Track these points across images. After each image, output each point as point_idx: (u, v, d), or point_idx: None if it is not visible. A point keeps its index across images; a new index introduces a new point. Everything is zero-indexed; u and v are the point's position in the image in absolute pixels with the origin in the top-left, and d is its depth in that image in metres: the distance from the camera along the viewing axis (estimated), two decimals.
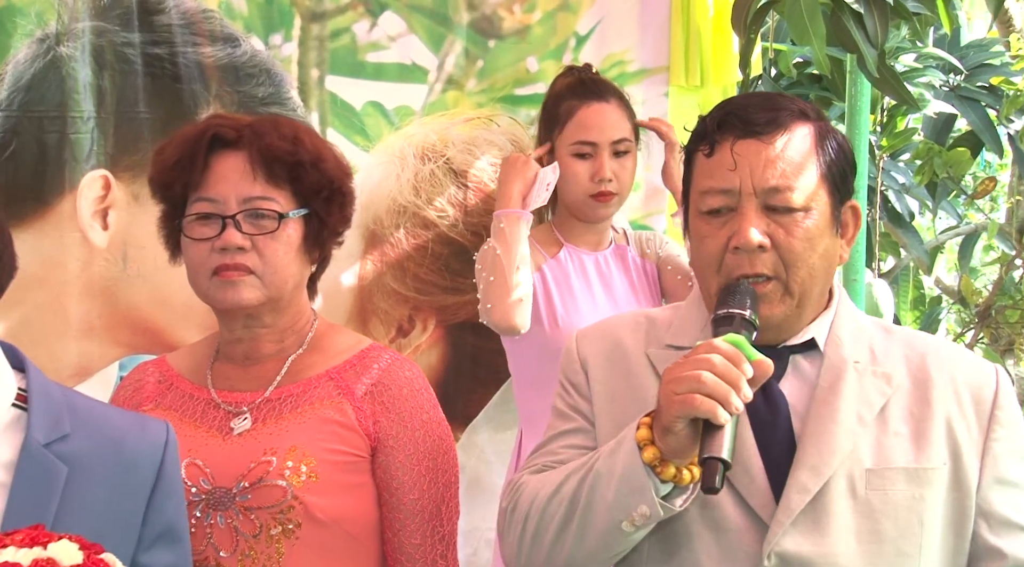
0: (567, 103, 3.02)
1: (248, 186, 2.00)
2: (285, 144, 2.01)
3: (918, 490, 1.71)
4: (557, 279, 3.01)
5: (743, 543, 1.69)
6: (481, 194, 3.43)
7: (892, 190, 4.28)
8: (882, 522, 1.70)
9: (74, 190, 3.06)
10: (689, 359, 1.60)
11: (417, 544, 2.05)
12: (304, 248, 2.05)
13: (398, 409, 2.05)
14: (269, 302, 2.03)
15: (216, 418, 2.05)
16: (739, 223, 1.70)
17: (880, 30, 2.95)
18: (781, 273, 1.70)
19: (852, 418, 1.72)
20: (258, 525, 1.97)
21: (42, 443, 1.61)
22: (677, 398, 1.57)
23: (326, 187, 2.05)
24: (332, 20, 3.33)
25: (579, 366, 1.84)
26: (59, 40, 3.04)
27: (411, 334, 3.41)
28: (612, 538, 1.66)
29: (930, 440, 1.73)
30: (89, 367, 3.04)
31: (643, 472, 1.61)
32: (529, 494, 1.75)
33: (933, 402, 1.74)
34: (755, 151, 1.70)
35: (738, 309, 1.65)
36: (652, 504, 1.61)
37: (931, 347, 1.81)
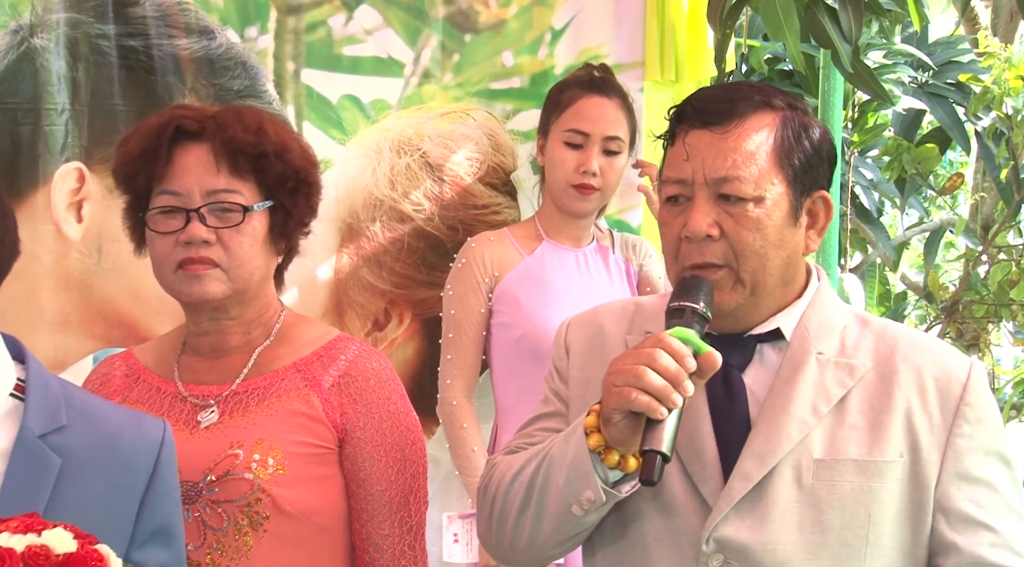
0: (570, 91, 2.98)
1: (212, 179, 1.96)
2: (248, 135, 1.98)
3: (868, 482, 1.68)
4: (533, 274, 2.99)
5: (688, 527, 1.69)
6: (457, 188, 3.41)
7: (860, 186, 4.28)
8: (827, 513, 1.67)
9: (48, 183, 3.01)
10: (632, 352, 1.61)
11: (385, 535, 2.03)
12: (270, 240, 2.01)
13: (365, 400, 2.02)
14: (235, 295, 2.00)
15: (183, 411, 2.02)
16: (690, 213, 1.70)
17: (855, 26, 2.94)
18: (732, 262, 1.69)
19: (806, 408, 1.70)
20: (226, 518, 1.95)
21: (37, 434, 1.59)
22: (615, 390, 1.58)
23: (291, 178, 2.01)
24: (308, 13, 3.29)
25: (563, 351, 1.85)
26: (33, 31, 2.99)
27: (387, 327, 3.38)
28: (565, 521, 1.68)
29: (887, 433, 1.70)
30: (64, 360, 2.99)
31: (587, 459, 1.62)
32: (498, 475, 1.77)
33: (895, 395, 1.71)
34: (707, 142, 1.70)
35: (690, 302, 1.64)
36: (596, 490, 1.63)
37: (902, 339, 1.77)
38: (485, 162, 3.44)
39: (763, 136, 1.71)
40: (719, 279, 1.70)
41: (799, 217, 1.73)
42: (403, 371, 3.33)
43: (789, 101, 1.76)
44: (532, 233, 3.05)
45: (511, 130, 3.46)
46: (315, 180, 2.08)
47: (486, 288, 2.98)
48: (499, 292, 2.98)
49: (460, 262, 3.01)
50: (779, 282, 1.73)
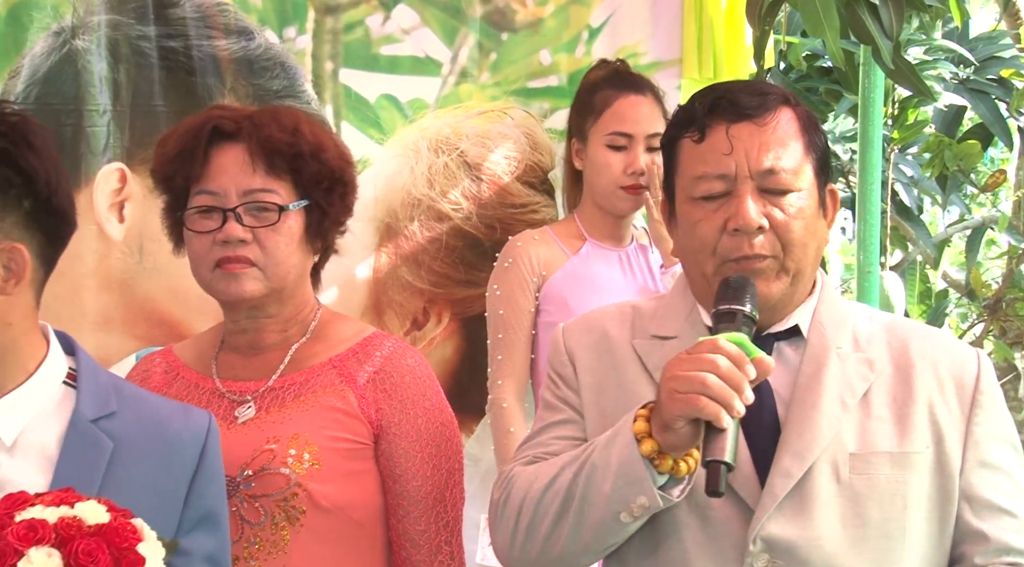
0: (603, 93, 2.95)
1: (248, 178, 1.97)
2: (284, 135, 1.99)
3: (902, 474, 1.69)
4: (580, 274, 2.96)
5: (729, 529, 1.67)
6: (495, 187, 3.39)
7: (900, 183, 4.24)
8: (866, 506, 1.67)
9: (90, 183, 3.03)
10: (692, 357, 1.58)
11: (421, 530, 2.03)
12: (306, 239, 2.02)
13: (400, 396, 2.02)
14: (272, 293, 2.01)
15: (220, 407, 2.02)
16: (736, 206, 1.67)
17: (896, 22, 2.91)
18: (779, 253, 1.69)
19: (835, 404, 1.70)
20: (263, 513, 1.96)
21: (89, 418, 1.62)
22: (679, 397, 1.55)
23: (327, 177, 2.02)
24: (346, 13, 3.28)
25: (566, 358, 1.81)
26: (75, 33, 3.01)
27: (426, 327, 3.37)
28: (609, 529, 1.64)
29: (913, 424, 1.71)
30: (106, 360, 3.00)
31: (642, 464, 1.59)
32: (521, 486, 1.71)
33: (915, 387, 1.72)
34: (748, 134, 1.69)
35: (738, 305, 1.62)
36: (652, 495, 1.59)
37: (913, 333, 1.79)
38: (523, 161, 3.42)
39: (794, 129, 1.72)
40: (764, 268, 1.69)
41: (824, 208, 1.76)
42: (442, 370, 3.33)
43: (796, 97, 1.79)
44: (574, 232, 3.02)
45: (549, 129, 3.44)
46: (351, 179, 2.08)
47: (533, 287, 2.95)
48: (546, 291, 2.95)
49: (506, 261, 2.97)
50: (810, 274, 1.75)
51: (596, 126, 2.95)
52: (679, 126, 1.76)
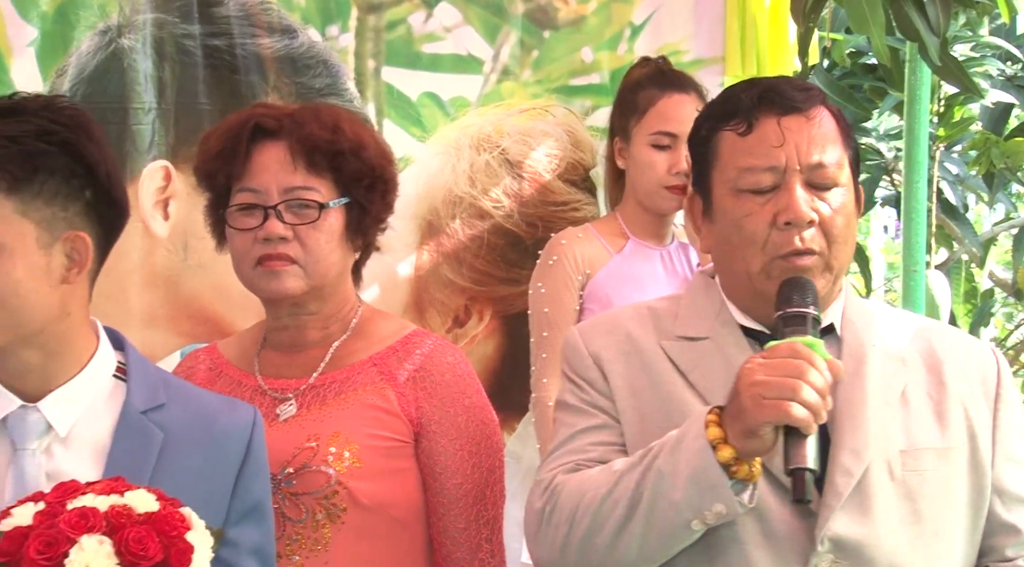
0: (647, 92, 2.92)
1: (289, 176, 1.97)
2: (325, 133, 1.98)
3: (946, 469, 1.69)
4: (624, 272, 2.94)
5: (790, 531, 1.64)
6: (536, 185, 3.38)
7: (946, 181, 4.19)
8: (920, 502, 1.67)
9: (135, 181, 3.04)
10: (774, 363, 1.54)
11: (462, 528, 2.02)
12: (346, 236, 2.02)
13: (440, 394, 2.02)
14: (313, 291, 2.01)
15: (262, 405, 2.02)
16: (787, 199, 1.65)
17: (943, 18, 2.87)
18: (824, 249, 1.67)
19: (879, 400, 1.69)
20: (304, 510, 1.96)
21: (140, 410, 1.65)
22: (768, 403, 1.52)
23: (367, 175, 2.02)
24: (388, 11, 3.28)
25: (591, 362, 1.77)
26: (121, 32, 3.03)
27: (467, 324, 3.36)
28: (677, 537, 1.61)
29: (949, 421, 1.71)
30: (151, 356, 2.97)
31: (719, 471, 1.55)
32: (572, 494, 1.66)
33: (948, 383, 1.73)
34: (798, 127, 1.68)
35: (806, 307, 1.60)
36: (730, 502, 1.56)
37: (933, 329, 1.81)
38: (564, 159, 3.41)
39: (833, 124, 1.71)
40: (812, 265, 1.67)
41: (857, 205, 1.75)
42: (483, 368, 3.32)
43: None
44: (617, 231, 3.00)
45: (590, 126, 3.42)
46: (391, 177, 2.08)
47: (578, 285, 2.93)
48: (590, 290, 2.93)
49: (551, 259, 2.94)
50: (846, 272, 1.75)
51: (640, 125, 2.92)
52: (718, 118, 1.73)
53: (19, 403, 1.63)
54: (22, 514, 1.47)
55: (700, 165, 1.76)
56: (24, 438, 1.61)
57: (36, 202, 1.58)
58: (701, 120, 1.78)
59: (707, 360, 1.70)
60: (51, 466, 1.60)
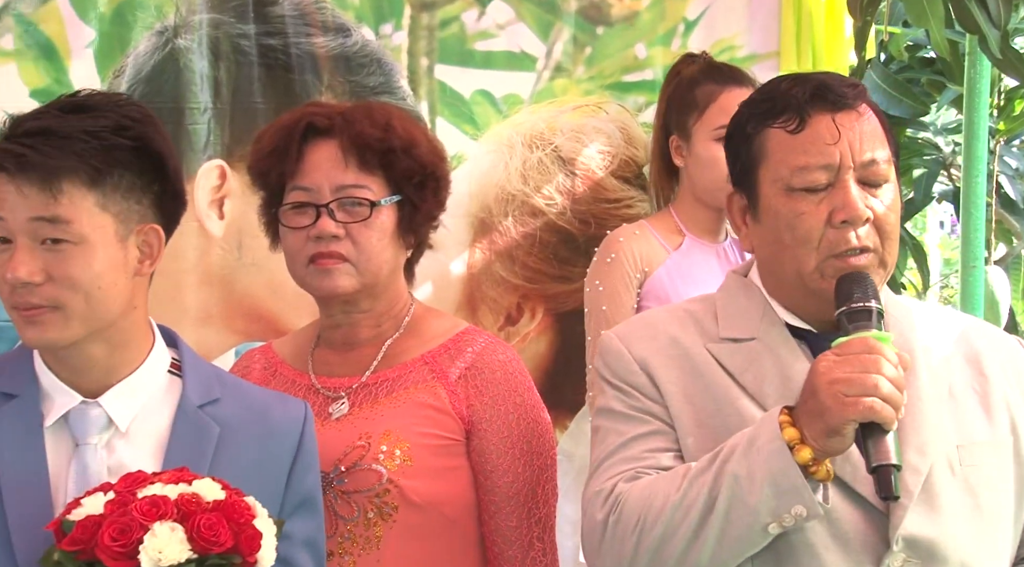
0: (705, 87, 2.89)
1: (341, 174, 1.98)
2: (376, 131, 1.99)
3: (998, 461, 1.69)
4: (683, 269, 2.91)
5: (861, 533, 1.62)
6: (589, 182, 3.36)
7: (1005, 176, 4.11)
8: (981, 496, 1.67)
9: (191, 180, 3.04)
10: (851, 359, 1.53)
11: (513, 527, 2.02)
12: (398, 234, 2.02)
13: (492, 392, 2.01)
14: (365, 288, 2.01)
15: (315, 403, 2.03)
16: (842, 197, 1.64)
17: (1003, 10, 2.83)
18: (879, 246, 1.66)
19: (931, 396, 1.68)
20: (356, 509, 1.96)
21: (196, 405, 1.68)
22: (850, 401, 1.50)
23: (418, 173, 2.02)
24: (441, 9, 3.27)
25: (637, 367, 1.73)
26: (177, 32, 3.04)
27: (520, 322, 3.35)
28: (751, 542, 1.59)
29: (995, 414, 1.71)
30: (207, 354, 2.99)
31: (798, 473, 1.53)
32: (638, 503, 1.63)
33: (989, 377, 1.73)
34: (851, 124, 1.66)
35: (871, 302, 1.59)
36: (811, 504, 1.54)
37: (966, 323, 1.81)
38: (617, 156, 3.39)
39: (877, 121, 1.70)
40: (867, 264, 1.66)
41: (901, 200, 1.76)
42: (536, 365, 3.31)
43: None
44: (673, 228, 2.96)
45: (643, 123, 3.39)
46: (443, 174, 2.08)
47: (636, 283, 2.90)
48: (648, 288, 2.90)
49: (609, 256, 2.90)
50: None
51: (701, 121, 2.89)
52: (765, 115, 1.70)
53: (80, 399, 1.65)
54: (93, 503, 1.49)
55: (743, 163, 1.74)
56: (86, 433, 1.64)
57: (115, 195, 1.61)
58: (744, 117, 1.75)
59: (758, 362, 1.69)
60: (112, 460, 1.63)
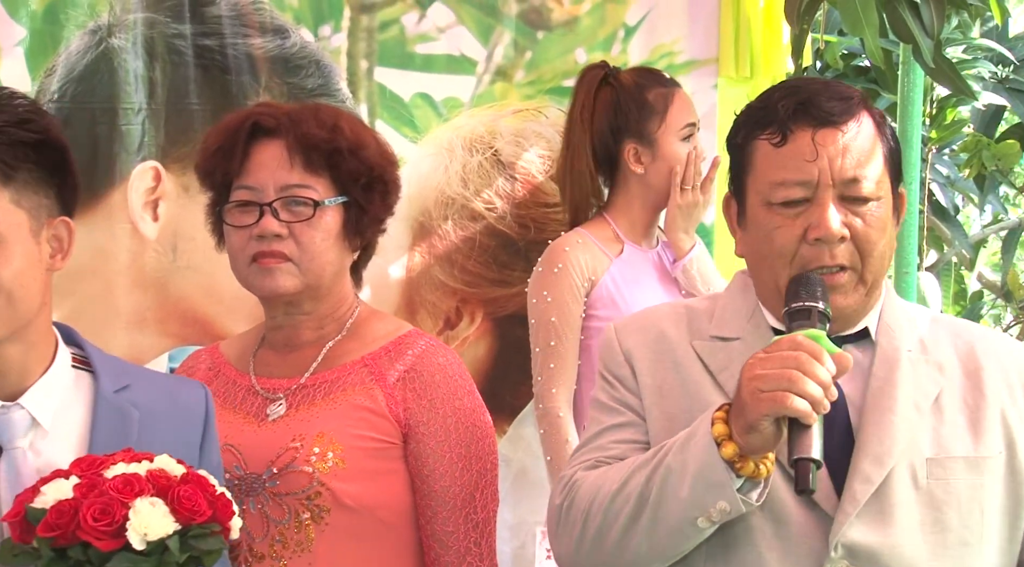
0: (655, 91, 2.90)
1: (285, 174, 1.97)
2: (323, 132, 1.97)
3: (978, 479, 1.66)
4: (627, 277, 2.90)
5: (806, 536, 1.62)
6: (529, 186, 3.34)
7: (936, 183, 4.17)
8: (945, 511, 1.64)
9: (125, 181, 3.00)
10: (773, 356, 1.53)
11: (450, 531, 2.00)
12: (343, 235, 2.00)
13: (430, 395, 1.99)
14: (307, 289, 1.99)
15: (254, 404, 2.02)
16: (818, 214, 1.63)
17: (936, 20, 2.85)
18: (857, 263, 1.65)
19: (909, 407, 1.66)
20: (287, 511, 1.95)
21: (112, 392, 1.66)
22: (765, 396, 1.50)
23: (365, 175, 2.00)
24: (381, 11, 3.24)
25: (623, 359, 1.76)
26: (111, 32, 2.99)
27: (459, 326, 3.33)
28: (684, 535, 1.60)
29: (985, 428, 1.67)
30: (139, 358, 2.98)
31: (723, 468, 1.54)
32: (588, 491, 1.66)
33: (986, 390, 1.69)
34: (832, 141, 1.64)
35: (812, 302, 1.59)
36: (733, 500, 1.54)
37: (978, 335, 1.76)
38: (557, 160, 3.37)
39: (873, 134, 1.68)
40: (844, 283, 1.65)
41: (897, 214, 1.72)
42: (474, 369, 3.28)
43: (867, 97, 1.73)
44: (610, 235, 2.94)
45: None
46: (391, 178, 2.06)
47: (583, 292, 2.87)
48: (595, 297, 2.87)
49: (556, 267, 2.87)
50: (882, 282, 1.72)
51: (666, 125, 2.89)
52: (755, 125, 1.69)
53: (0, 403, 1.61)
54: (56, 489, 1.47)
55: (736, 170, 1.74)
56: (12, 437, 1.60)
57: (26, 191, 1.58)
58: (739, 123, 1.74)
59: (737, 362, 1.67)
60: (40, 461, 1.59)
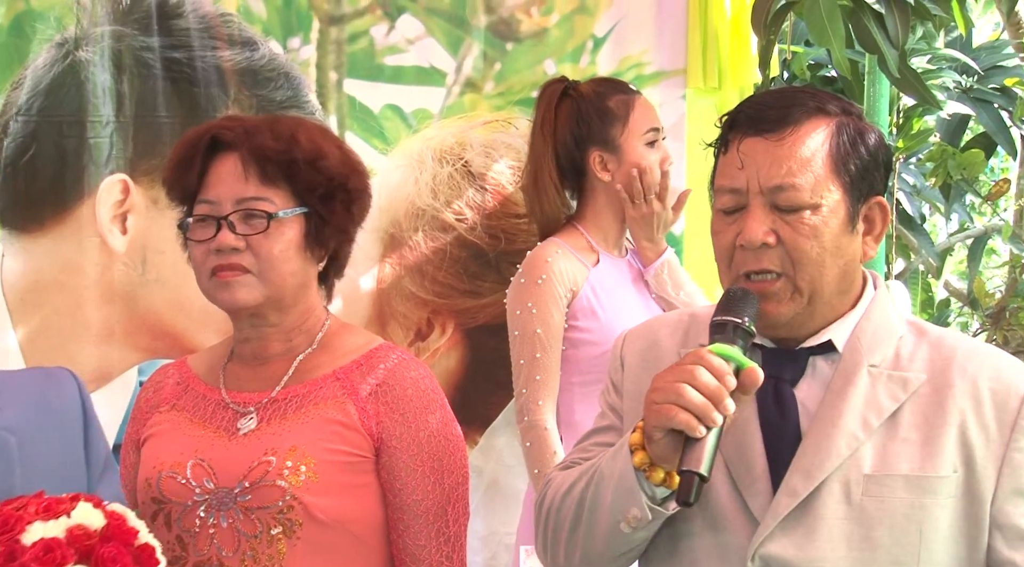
0: (615, 98, 2.89)
1: (241, 187, 1.96)
2: (277, 143, 1.97)
3: (919, 499, 1.62)
4: (605, 286, 2.88)
5: (736, 543, 1.64)
6: (499, 197, 3.34)
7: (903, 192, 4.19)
8: (876, 529, 1.62)
9: (93, 195, 2.99)
10: (673, 368, 1.58)
11: (422, 545, 1.99)
12: (305, 246, 1.99)
13: (402, 409, 1.98)
14: (270, 301, 1.98)
15: (224, 418, 2.00)
16: (744, 221, 1.66)
17: (901, 31, 2.88)
18: (789, 270, 1.64)
19: (856, 422, 1.64)
20: (259, 525, 1.92)
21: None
22: (655, 408, 1.55)
23: (324, 185, 1.99)
24: (350, 23, 3.24)
25: (619, 364, 1.81)
26: (78, 45, 2.98)
27: (430, 337, 3.32)
28: (615, 538, 1.65)
29: (940, 447, 1.63)
30: (108, 372, 2.97)
31: (632, 476, 1.59)
32: (552, 491, 1.74)
33: (949, 408, 1.65)
34: (761, 150, 1.65)
35: (732, 316, 1.60)
36: (641, 507, 1.60)
37: (960, 350, 1.69)
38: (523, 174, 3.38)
39: (819, 142, 1.66)
40: (777, 290, 1.65)
41: (856, 224, 1.68)
42: (446, 381, 3.28)
43: (844, 106, 1.71)
44: (584, 245, 2.93)
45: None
46: (355, 187, 2.05)
47: (565, 303, 2.85)
48: (576, 307, 2.85)
49: (539, 278, 2.84)
50: (836, 291, 1.68)
51: (629, 130, 2.89)
52: (721, 136, 1.74)
53: None
54: None
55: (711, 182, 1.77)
56: None
57: None
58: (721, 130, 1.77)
59: None
60: None
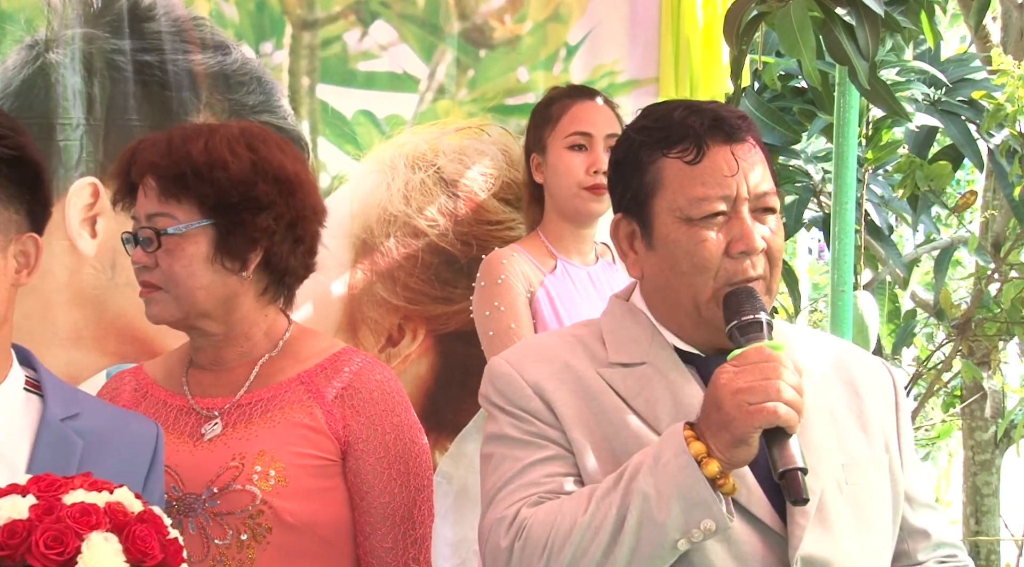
0: (559, 103, 2.93)
1: (147, 203, 1.97)
2: (165, 159, 1.95)
3: (877, 479, 1.72)
4: (560, 293, 2.88)
5: (759, 553, 1.62)
6: (471, 204, 3.34)
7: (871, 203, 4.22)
8: (867, 512, 1.69)
9: (62, 198, 2.95)
10: (750, 368, 1.54)
11: (389, 547, 1.99)
12: (215, 258, 1.95)
13: (368, 412, 1.98)
14: (193, 315, 1.97)
15: (188, 424, 1.99)
16: (740, 228, 1.65)
17: (872, 42, 2.89)
18: (767, 274, 1.68)
19: (817, 418, 1.69)
20: (228, 531, 1.92)
21: (59, 419, 1.65)
22: (754, 408, 1.52)
23: (221, 196, 1.94)
24: (323, 28, 3.22)
25: (531, 392, 1.70)
26: (48, 47, 2.94)
27: (401, 343, 3.31)
28: (662, 558, 1.57)
29: (871, 432, 1.74)
30: (77, 376, 2.93)
31: (706, 486, 1.53)
32: (544, 526, 1.60)
33: (864, 397, 1.76)
34: (746, 156, 1.67)
35: (758, 314, 1.61)
36: (720, 517, 1.54)
37: (839, 346, 1.84)
38: (499, 177, 3.37)
39: (763, 152, 1.73)
40: (760, 291, 1.68)
41: None
42: (416, 387, 3.27)
43: None
44: (543, 251, 2.94)
45: None
46: (260, 195, 1.96)
47: (526, 301, 2.89)
48: (533, 309, 2.86)
49: (498, 278, 2.85)
50: None
51: (555, 132, 2.91)
52: (661, 144, 1.68)
53: None
54: (10, 506, 1.41)
55: (635, 191, 1.71)
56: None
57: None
58: (635, 144, 1.72)
59: (649, 386, 1.67)
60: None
